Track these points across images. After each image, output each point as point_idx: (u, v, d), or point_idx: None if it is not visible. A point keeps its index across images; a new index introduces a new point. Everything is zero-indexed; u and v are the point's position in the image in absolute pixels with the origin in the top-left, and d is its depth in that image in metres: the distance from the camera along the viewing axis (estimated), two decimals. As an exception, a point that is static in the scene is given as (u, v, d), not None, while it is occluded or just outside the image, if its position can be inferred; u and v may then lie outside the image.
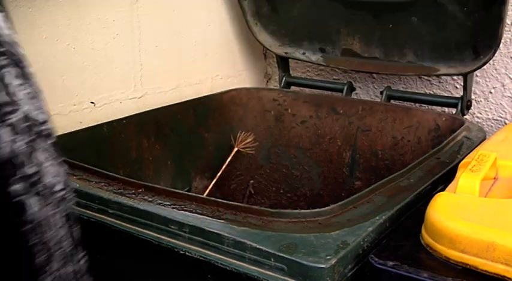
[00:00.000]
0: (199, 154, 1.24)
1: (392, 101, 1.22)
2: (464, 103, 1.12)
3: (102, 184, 0.78)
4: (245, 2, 1.33)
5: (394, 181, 0.76)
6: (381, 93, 1.23)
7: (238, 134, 1.25)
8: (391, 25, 1.20)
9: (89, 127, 1.02)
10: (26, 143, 0.37)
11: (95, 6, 1.07)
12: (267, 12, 1.34)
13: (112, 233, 0.75)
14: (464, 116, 1.14)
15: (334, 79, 1.40)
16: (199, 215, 0.67)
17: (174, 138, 1.18)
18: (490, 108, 1.23)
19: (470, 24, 1.09)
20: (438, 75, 1.24)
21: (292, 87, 1.37)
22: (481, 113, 1.24)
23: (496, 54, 1.14)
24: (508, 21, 1.16)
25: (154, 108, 1.16)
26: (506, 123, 1.20)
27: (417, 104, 1.24)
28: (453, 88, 1.26)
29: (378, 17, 1.21)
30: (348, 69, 1.30)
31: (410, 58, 1.19)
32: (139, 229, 0.70)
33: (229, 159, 1.22)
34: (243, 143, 1.23)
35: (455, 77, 1.25)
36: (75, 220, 0.43)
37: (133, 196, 0.74)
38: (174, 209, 0.69)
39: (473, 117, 1.25)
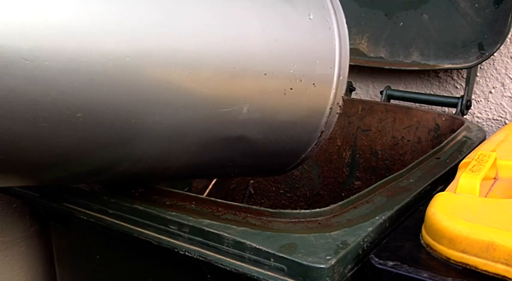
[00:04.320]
0: (199, 154, 1.24)
1: (392, 101, 1.22)
2: (464, 103, 1.13)
3: (102, 184, 0.78)
4: None
5: (394, 181, 0.76)
6: (381, 93, 1.23)
7: (238, 134, 1.24)
8: (401, 23, 1.21)
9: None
10: None
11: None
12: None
13: (112, 233, 0.75)
14: (464, 116, 1.14)
15: (334, 79, 1.40)
16: (199, 215, 0.67)
17: (174, 138, 1.18)
18: (490, 108, 1.23)
19: (479, 21, 1.11)
20: (442, 70, 1.25)
21: (292, 87, 1.37)
22: (481, 113, 1.24)
23: (496, 54, 1.14)
24: (508, 21, 1.16)
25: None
26: (506, 123, 1.20)
27: (417, 104, 1.24)
28: (453, 88, 1.26)
29: (390, 15, 1.22)
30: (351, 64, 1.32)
31: (415, 58, 1.20)
32: (139, 229, 0.70)
33: (229, 159, 1.22)
34: (243, 143, 1.23)
35: (455, 77, 1.25)
36: None
37: (133, 196, 0.74)
38: (174, 209, 0.69)
39: (473, 117, 1.25)
